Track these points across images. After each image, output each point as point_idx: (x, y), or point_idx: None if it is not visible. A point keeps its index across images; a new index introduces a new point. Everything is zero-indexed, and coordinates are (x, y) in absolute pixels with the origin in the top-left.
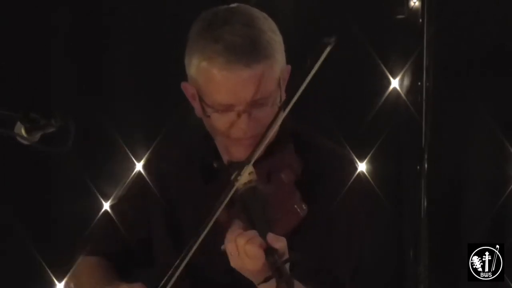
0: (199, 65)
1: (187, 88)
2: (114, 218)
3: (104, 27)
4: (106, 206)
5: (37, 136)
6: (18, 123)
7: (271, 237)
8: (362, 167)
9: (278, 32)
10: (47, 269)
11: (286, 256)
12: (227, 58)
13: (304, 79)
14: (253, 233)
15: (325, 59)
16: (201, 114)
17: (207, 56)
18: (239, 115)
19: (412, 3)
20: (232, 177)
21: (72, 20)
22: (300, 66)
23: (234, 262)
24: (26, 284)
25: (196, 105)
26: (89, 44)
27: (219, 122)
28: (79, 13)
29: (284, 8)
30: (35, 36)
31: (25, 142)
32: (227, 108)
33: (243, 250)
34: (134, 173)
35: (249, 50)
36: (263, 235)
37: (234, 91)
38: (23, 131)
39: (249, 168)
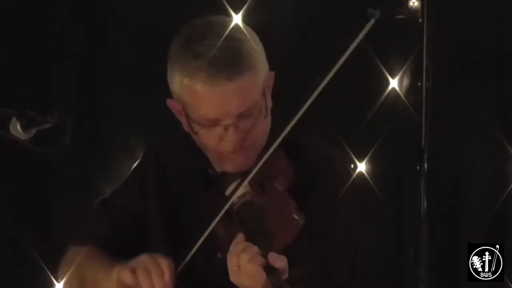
0: (182, 82)
1: (173, 105)
2: (109, 210)
3: (104, 26)
4: None
5: (33, 132)
6: (14, 119)
7: (272, 257)
8: (361, 167)
9: (258, 40)
10: (47, 269)
11: (286, 275)
12: (209, 73)
13: (344, 53)
14: (255, 250)
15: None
16: (188, 130)
17: (189, 73)
18: (226, 129)
19: (411, 3)
20: (227, 192)
21: (71, 19)
22: (298, 67)
23: (234, 277)
24: (26, 284)
25: (183, 120)
26: (89, 42)
27: (207, 138)
28: (79, 12)
29: (283, 8)
30: (35, 35)
31: (21, 137)
32: (214, 122)
33: (245, 268)
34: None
35: (230, 63)
36: (263, 251)
37: (219, 105)
38: (18, 127)
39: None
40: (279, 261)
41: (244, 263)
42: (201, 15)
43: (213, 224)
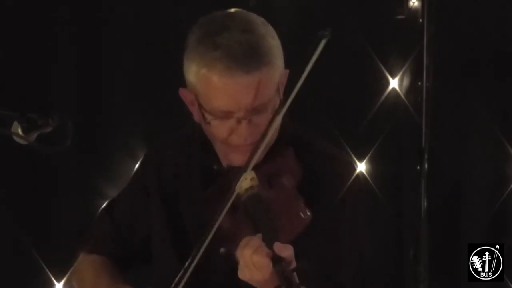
0: (198, 72)
1: (186, 95)
2: (114, 215)
3: (105, 26)
4: None
5: (34, 135)
6: (15, 123)
7: (278, 246)
8: (361, 167)
9: (276, 37)
10: (47, 269)
11: (294, 264)
12: (227, 65)
13: (300, 75)
14: (259, 242)
15: (322, 54)
16: (200, 120)
17: (207, 63)
18: (239, 122)
19: (411, 3)
20: (235, 182)
21: (71, 19)
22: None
23: (243, 274)
24: (26, 284)
25: (195, 111)
26: (89, 43)
27: (219, 129)
28: (79, 12)
29: (283, 9)
30: (35, 35)
31: (22, 142)
32: (227, 114)
33: (251, 261)
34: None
35: (249, 57)
36: (269, 243)
37: (234, 98)
38: (20, 131)
39: (251, 174)
40: (285, 250)
41: (249, 256)
42: (201, 15)
43: (221, 217)
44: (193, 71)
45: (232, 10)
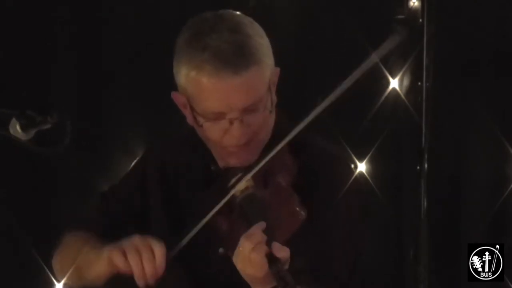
0: (188, 74)
1: (177, 98)
2: (108, 204)
3: (105, 25)
4: None
5: (32, 132)
6: (13, 119)
7: (276, 246)
8: (361, 167)
9: (265, 36)
10: (47, 269)
11: (287, 265)
12: (216, 66)
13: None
14: (260, 239)
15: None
16: (193, 123)
17: (196, 65)
18: (231, 123)
19: (411, 3)
20: (230, 184)
21: (71, 19)
22: (297, 68)
23: (236, 262)
24: (26, 284)
25: (187, 114)
26: (89, 43)
27: (211, 131)
28: (79, 12)
29: (283, 9)
30: (35, 35)
31: (21, 138)
32: (219, 116)
33: (248, 256)
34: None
35: (238, 57)
36: (266, 243)
37: (225, 99)
38: (18, 128)
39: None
40: (282, 252)
41: (248, 251)
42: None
43: (212, 213)
44: (183, 74)
45: (220, 11)
